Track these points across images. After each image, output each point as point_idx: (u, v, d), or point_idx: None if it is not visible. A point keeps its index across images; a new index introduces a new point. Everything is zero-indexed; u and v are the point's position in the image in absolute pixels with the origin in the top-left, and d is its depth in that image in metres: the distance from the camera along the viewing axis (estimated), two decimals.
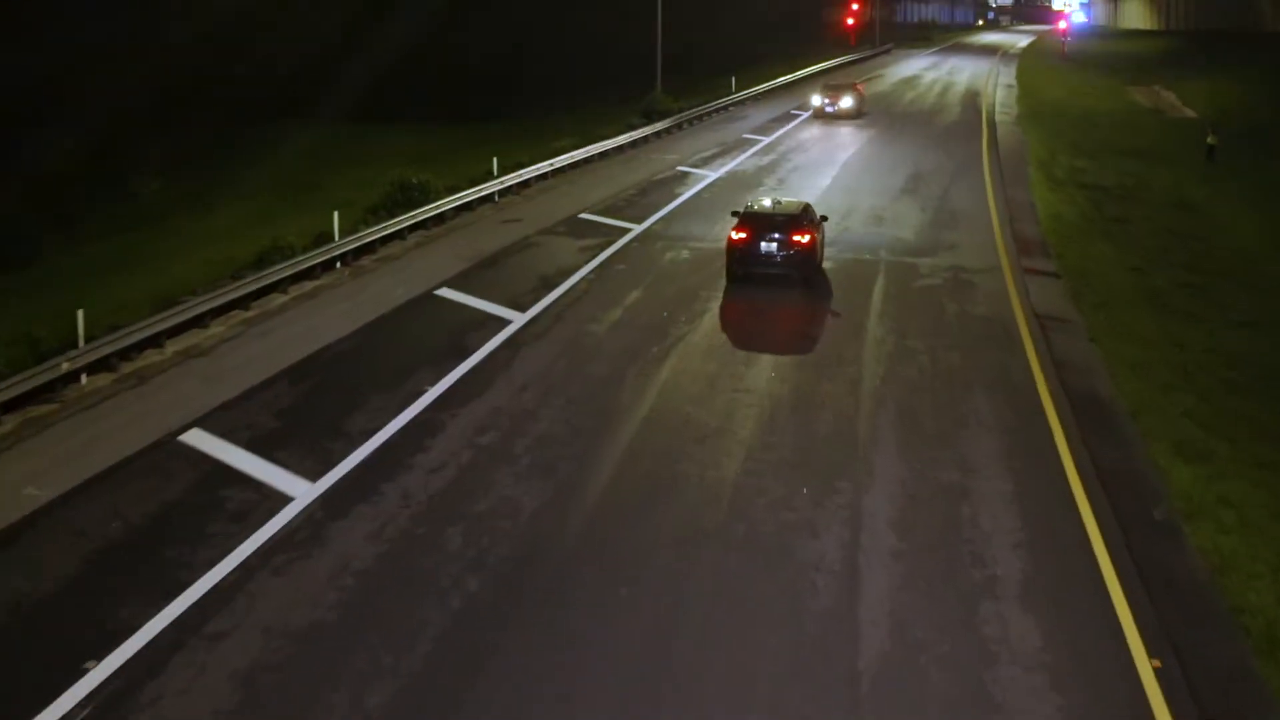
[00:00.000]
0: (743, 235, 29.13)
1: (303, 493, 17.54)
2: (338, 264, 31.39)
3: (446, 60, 71.13)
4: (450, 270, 30.64)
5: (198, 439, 19.57)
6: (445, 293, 28.55)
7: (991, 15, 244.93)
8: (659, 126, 55.31)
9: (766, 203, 31.25)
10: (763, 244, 28.89)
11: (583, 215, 37.34)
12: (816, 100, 62.95)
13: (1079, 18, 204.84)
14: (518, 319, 26.39)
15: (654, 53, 62.06)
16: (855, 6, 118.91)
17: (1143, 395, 22.50)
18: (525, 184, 42.10)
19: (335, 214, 32.21)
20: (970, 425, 20.58)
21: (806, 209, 30.48)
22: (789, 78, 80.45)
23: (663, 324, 26.06)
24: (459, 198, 37.54)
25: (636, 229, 35.37)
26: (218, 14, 58.45)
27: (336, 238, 31.92)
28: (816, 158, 49.21)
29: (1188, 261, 34.25)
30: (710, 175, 44.53)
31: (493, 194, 39.94)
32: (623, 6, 76.34)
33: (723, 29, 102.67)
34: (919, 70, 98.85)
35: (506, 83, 71.55)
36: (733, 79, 72.40)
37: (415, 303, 27.86)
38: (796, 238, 28.92)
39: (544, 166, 43.58)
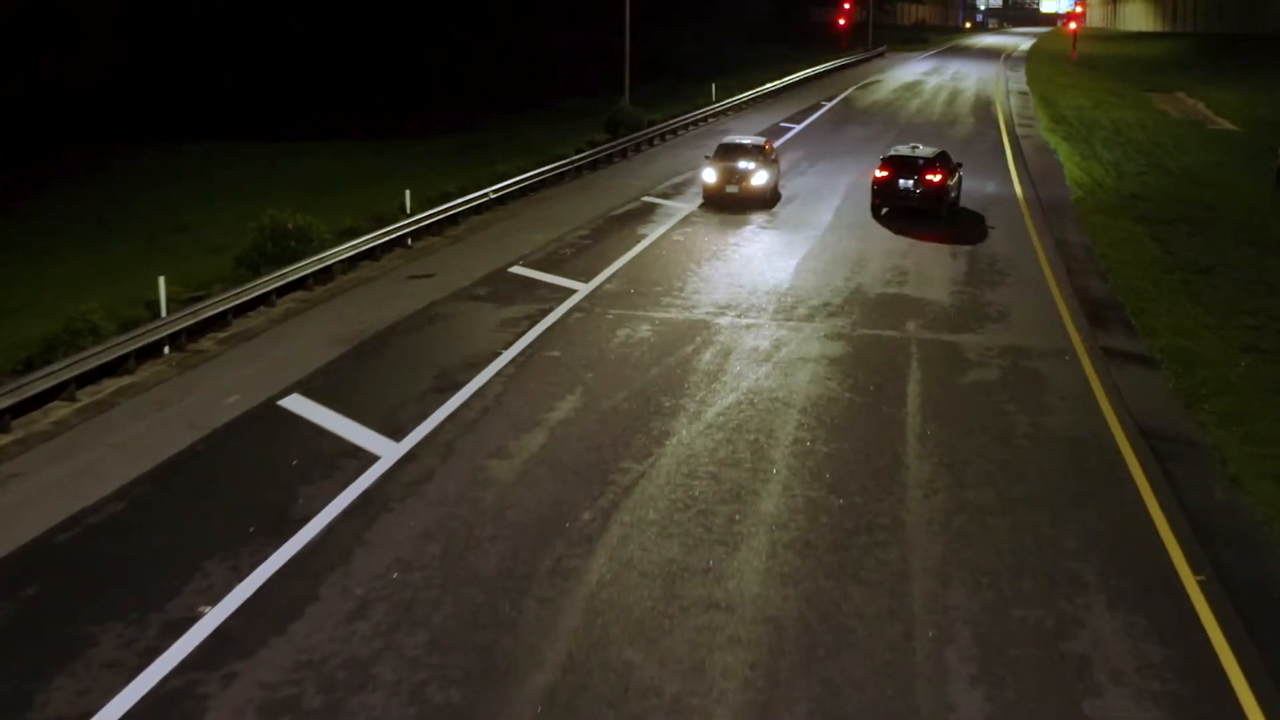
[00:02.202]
0: (885, 173, 34.75)
1: None
2: (165, 348, 22.52)
3: (377, 67, 62.13)
4: (315, 360, 21.91)
5: None
6: (295, 403, 19.79)
7: (980, 18, 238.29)
8: (626, 143, 46.37)
9: (904, 149, 36.34)
10: (901, 181, 34.31)
11: (515, 269, 28.54)
12: (709, 175, 36.06)
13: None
14: (389, 453, 17.67)
15: (622, 57, 53.05)
16: (847, 6, 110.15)
17: None
18: (452, 219, 33.23)
19: (161, 280, 23.28)
20: (1104, 686, 11.90)
21: (941, 154, 35.79)
22: (776, 84, 71.89)
23: (603, 461, 17.49)
24: (354, 245, 28.70)
25: (582, 290, 26.60)
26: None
27: (164, 311, 23.08)
28: (814, 184, 40.53)
29: None
30: (683, 208, 35.76)
31: (406, 236, 31.01)
32: (588, 6, 67.53)
33: (703, 31, 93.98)
34: (920, 75, 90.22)
35: (448, 92, 62.57)
36: (713, 86, 63.62)
37: (247, 421, 19.14)
38: (930, 176, 34.21)
39: (477, 197, 34.66)
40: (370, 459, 17.61)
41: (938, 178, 33.94)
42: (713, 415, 19.44)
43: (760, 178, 35.74)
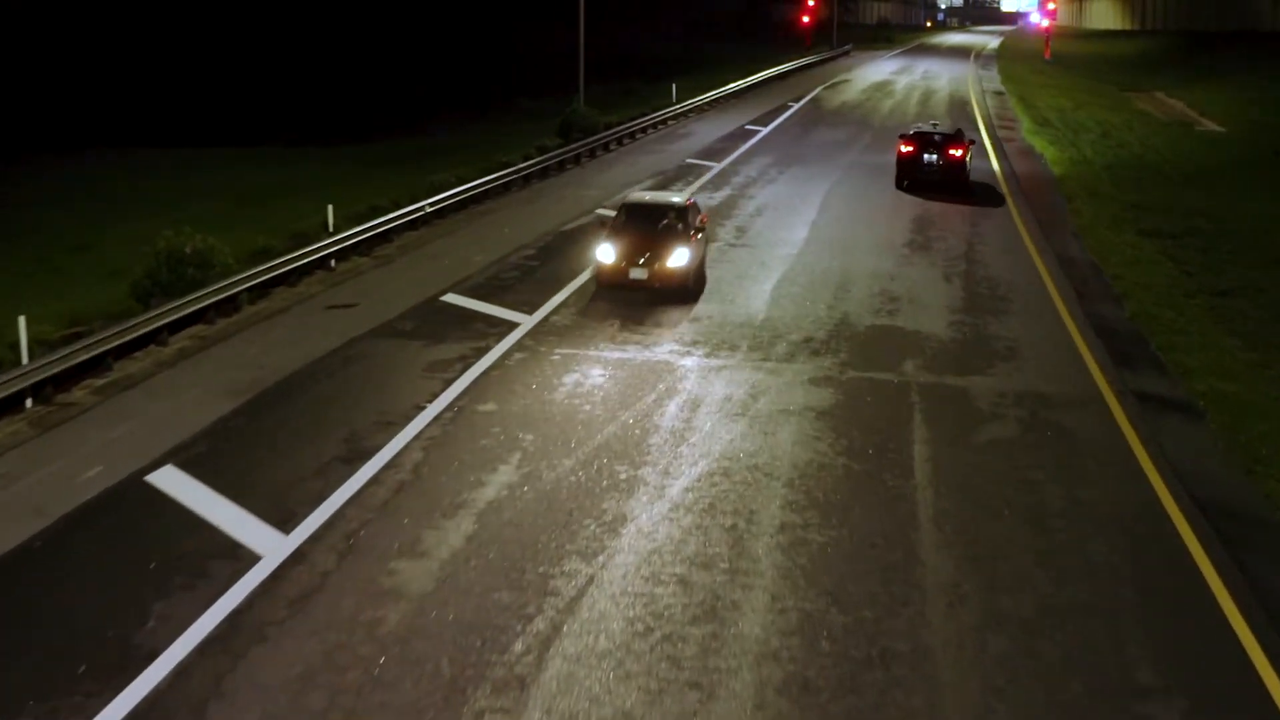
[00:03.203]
0: (909, 149, 36.89)
1: None
2: (28, 400, 18.69)
3: (315, 66, 58.05)
4: (201, 417, 18.14)
5: None
6: (167, 479, 16.02)
7: (941, 17, 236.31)
8: (579, 148, 42.57)
9: (925, 126, 38.79)
10: (925, 156, 36.51)
11: (450, 296, 24.76)
12: (606, 253, 25.19)
13: (1035, 19, 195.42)
14: (273, 550, 13.94)
15: (576, 55, 49.27)
16: (811, 4, 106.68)
17: None
18: (384, 236, 29.37)
19: (21, 321, 19.39)
20: None
21: (958, 130, 38.60)
22: (740, 84, 68.28)
23: (542, 561, 14.06)
24: (265, 271, 24.84)
25: (525, 323, 22.85)
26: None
27: (25, 357, 19.19)
28: (786, 194, 36.87)
29: None
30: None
31: (329, 257, 27.17)
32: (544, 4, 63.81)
33: (662, 29, 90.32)
34: (889, 74, 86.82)
35: (389, 94, 58.57)
36: (673, 87, 59.86)
37: (104, 505, 15.46)
38: (952, 151, 36.56)
39: (412, 211, 30.81)
40: (249, 560, 13.83)
41: (959, 152, 36.82)
42: (679, 491, 15.75)
43: (680, 256, 24.53)
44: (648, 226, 25.40)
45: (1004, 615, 13.00)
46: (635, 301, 24.31)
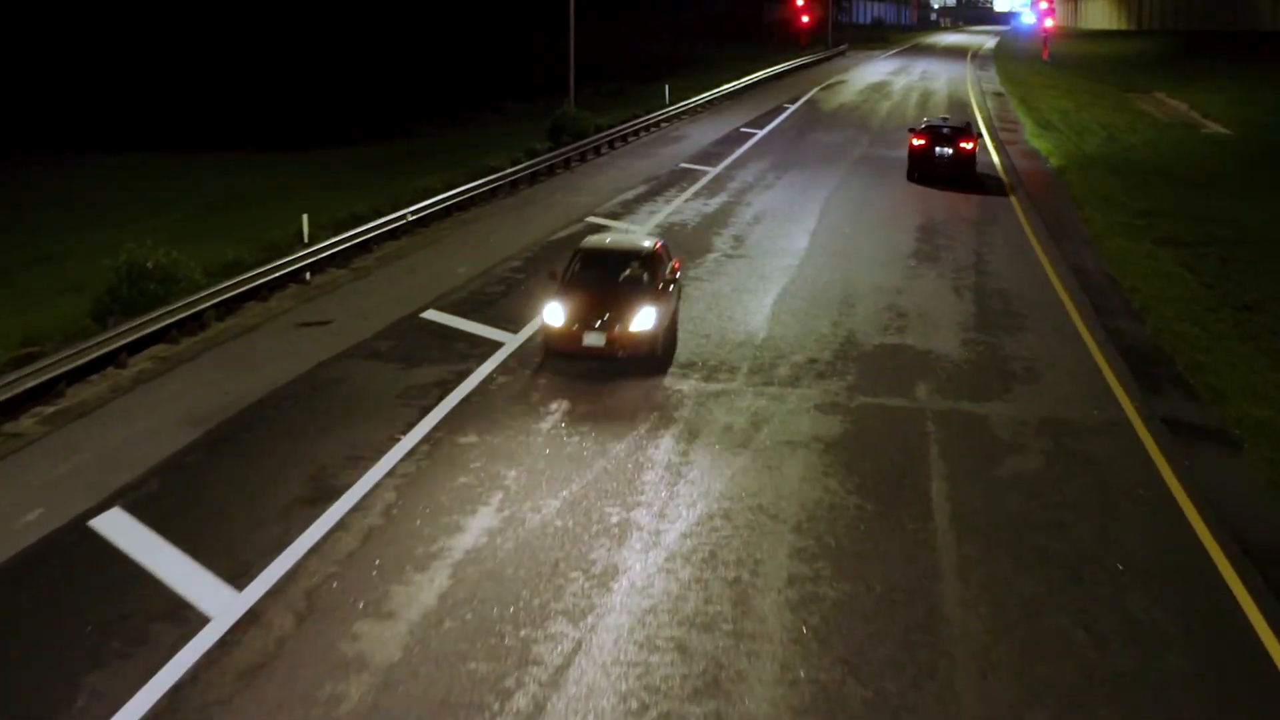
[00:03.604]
0: (921, 142, 37.98)
1: None
2: None
3: (301, 66, 56.49)
4: (156, 451, 16.73)
5: None
6: (112, 524, 14.63)
7: (934, 17, 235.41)
8: (570, 152, 41.05)
9: (936, 120, 40.32)
10: (937, 149, 37.61)
11: (430, 313, 23.24)
12: (554, 315, 20.15)
13: (1028, 19, 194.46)
14: (224, 609, 12.74)
15: (567, 56, 47.75)
16: (803, 3, 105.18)
17: None
18: (363, 246, 27.84)
19: None
20: None
21: (967, 124, 40.29)
22: (735, 85, 66.81)
23: (524, 622, 12.83)
24: (233, 286, 23.34)
25: (510, 343, 21.38)
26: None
27: None
28: (784, 200, 35.39)
29: None
30: (635, 230, 30.42)
31: (303, 270, 25.65)
32: (532, 3, 62.34)
33: (656, 29, 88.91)
34: (886, 75, 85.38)
35: (376, 96, 57.01)
36: (666, 88, 58.38)
37: (41, 555, 14.17)
38: (963, 144, 37.73)
39: (393, 219, 29.31)
40: (196, 622, 12.35)
41: (970, 145, 38.17)
42: (676, 537, 14.25)
43: (646, 317, 19.71)
44: (607, 279, 20.61)
45: (1043, 687, 11.58)
46: None
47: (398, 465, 16.28)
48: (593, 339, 19.58)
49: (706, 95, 60.90)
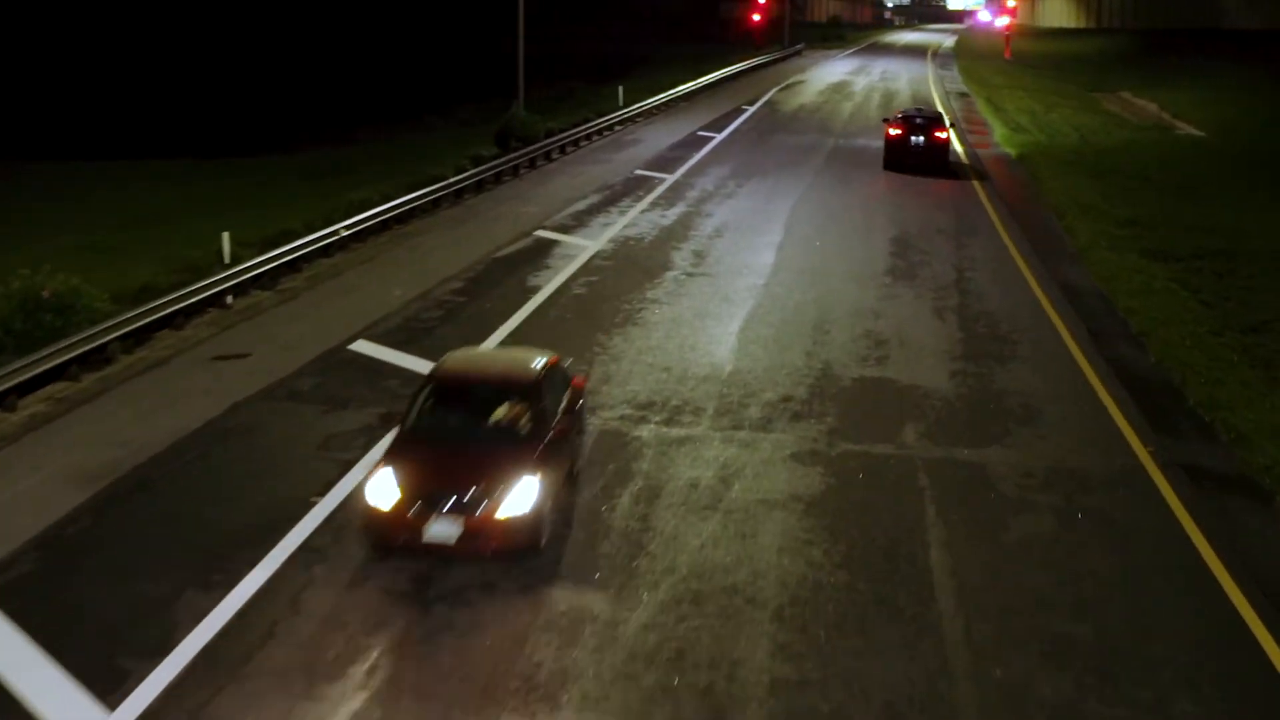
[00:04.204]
0: (898, 132, 39.74)
1: None
2: None
3: (239, 70, 53.82)
4: (35, 520, 14.60)
5: None
6: None
7: (887, 16, 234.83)
8: (518, 158, 38.66)
9: (911, 111, 41.91)
10: (913, 138, 39.36)
11: (360, 344, 20.87)
12: (380, 491, 13.26)
13: (984, 16, 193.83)
14: None
15: (515, 57, 45.34)
16: (761, 1, 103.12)
17: None
18: (292, 266, 25.44)
19: None
20: None
21: (939, 115, 42.33)
22: (691, 85, 64.56)
23: None
24: (143, 313, 21.01)
25: None
26: None
27: None
28: (747, 210, 33.18)
29: None
30: (585, 246, 28.21)
31: (223, 294, 23.21)
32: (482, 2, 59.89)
33: (609, 28, 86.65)
34: (845, 75, 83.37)
35: (318, 100, 54.39)
36: (620, 89, 56.07)
37: None
38: (937, 134, 39.71)
39: (325, 235, 26.87)
40: None
41: (944, 135, 40.15)
42: (637, 630, 12.00)
43: (523, 495, 13.23)
44: (468, 428, 14.21)
45: None
46: (581, 349, 20.51)
47: (311, 537, 13.93)
48: (439, 530, 12.91)
49: (662, 96, 58.66)
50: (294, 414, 17.81)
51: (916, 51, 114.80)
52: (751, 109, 59.38)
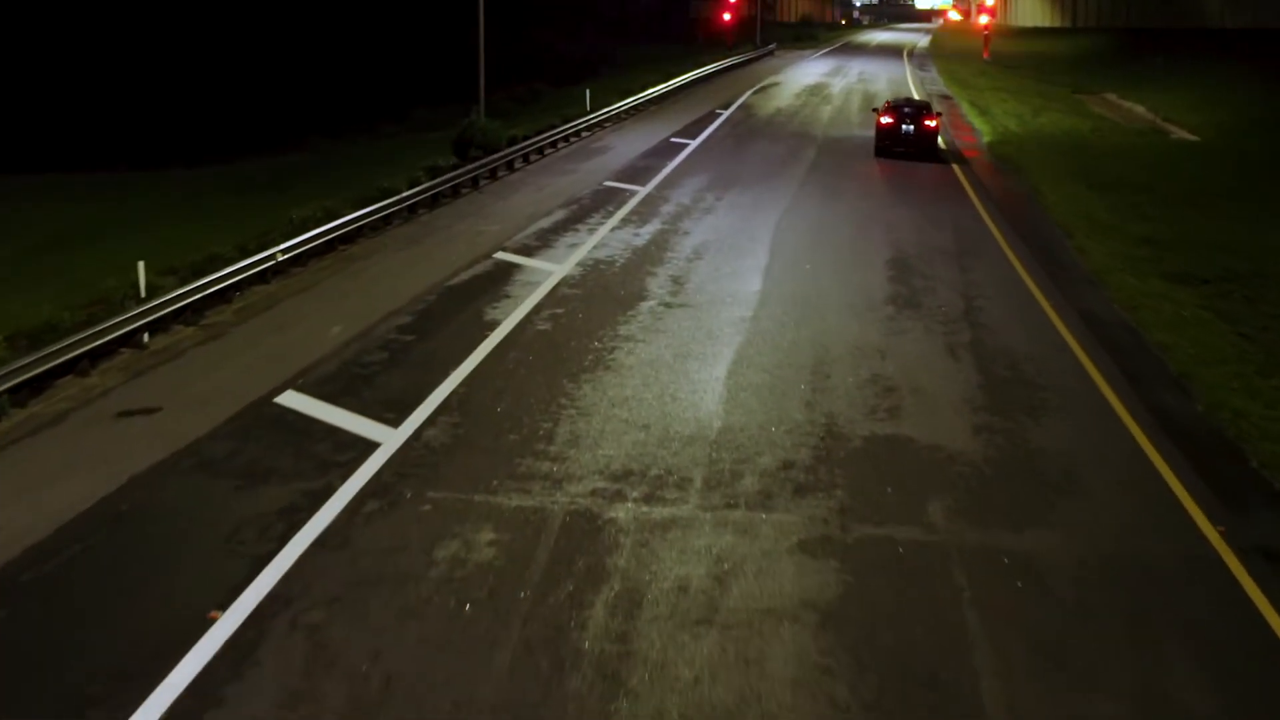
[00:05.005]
0: (889, 120, 41.72)
1: None
2: None
3: (177, 69, 50.65)
4: None
5: None
6: None
7: (856, 16, 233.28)
8: (479, 169, 35.68)
9: (900, 100, 44.50)
10: (903, 126, 41.21)
11: (289, 395, 17.96)
12: None
13: (954, 15, 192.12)
14: None
15: (476, 60, 42.34)
16: (732, 0, 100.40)
17: None
18: (221, 296, 22.47)
19: None
20: None
21: (927, 104, 44.20)
22: (661, 88, 61.76)
23: None
24: (38, 359, 18.11)
25: (388, 443, 16.08)
26: None
27: None
28: (728, 227, 30.37)
29: None
30: (553, 271, 25.27)
31: (140, 330, 20.20)
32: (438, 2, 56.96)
33: (575, 28, 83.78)
34: (822, 76, 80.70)
35: (272, 104, 51.20)
36: (587, 93, 53.14)
37: None
38: (927, 122, 41.57)
39: (259, 260, 23.88)
40: None
41: (933, 123, 41.71)
42: None
43: None
44: None
45: None
46: (546, 401, 17.60)
47: (212, 661, 11.00)
48: None
49: (631, 100, 55.78)
50: (201, 491, 14.83)
51: (892, 51, 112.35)
52: (726, 113, 56.53)
